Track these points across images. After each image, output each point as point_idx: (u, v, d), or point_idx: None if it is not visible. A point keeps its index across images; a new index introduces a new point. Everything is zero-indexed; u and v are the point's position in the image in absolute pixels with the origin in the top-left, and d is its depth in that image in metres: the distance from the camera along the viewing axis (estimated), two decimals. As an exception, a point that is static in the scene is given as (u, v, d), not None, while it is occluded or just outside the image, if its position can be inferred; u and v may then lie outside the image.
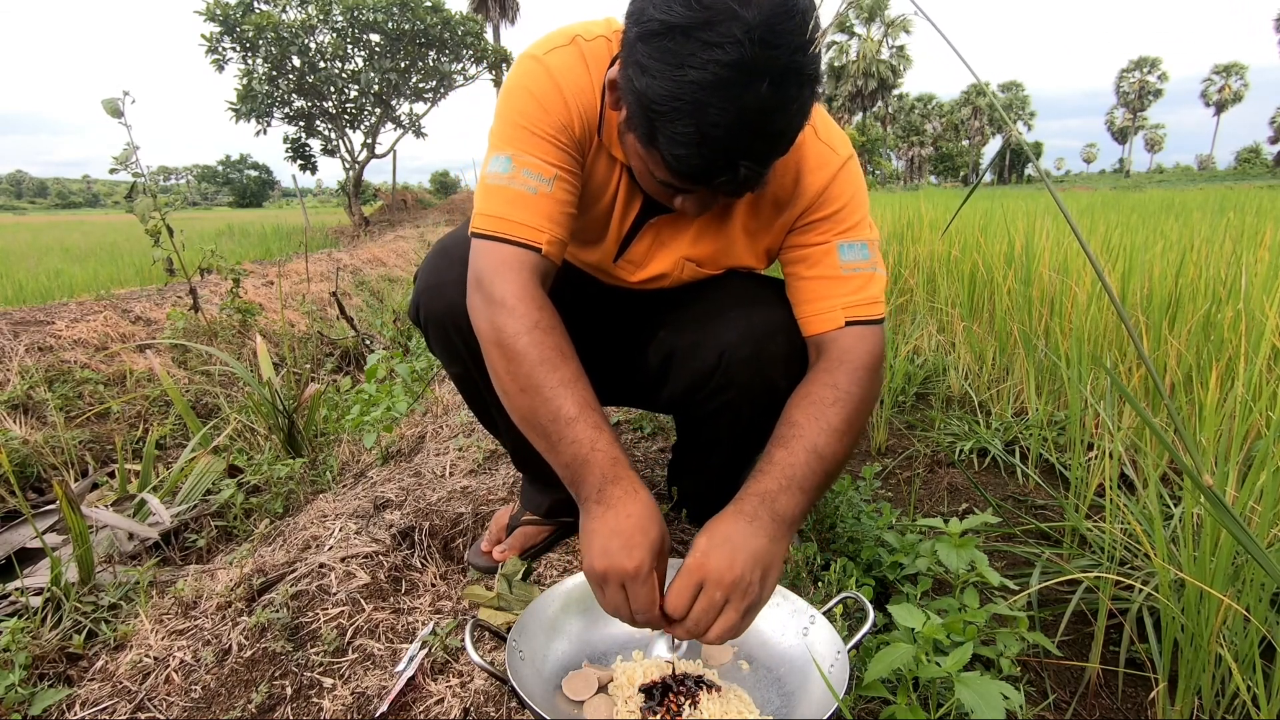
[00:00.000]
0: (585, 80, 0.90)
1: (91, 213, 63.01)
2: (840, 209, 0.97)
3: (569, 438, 0.80)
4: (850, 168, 0.98)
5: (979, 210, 4.83)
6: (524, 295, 0.85)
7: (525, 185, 0.88)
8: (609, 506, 0.77)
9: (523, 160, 0.88)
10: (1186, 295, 1.97)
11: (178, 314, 3.51)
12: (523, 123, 0.89)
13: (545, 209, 0.88)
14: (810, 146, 0.96)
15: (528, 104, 0.89)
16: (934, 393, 2.50)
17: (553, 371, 0.81)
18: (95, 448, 2.42)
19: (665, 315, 1.14)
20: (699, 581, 0.73)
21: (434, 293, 1.04)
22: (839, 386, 0.89)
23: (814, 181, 0.96)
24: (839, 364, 0.91)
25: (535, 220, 0.88)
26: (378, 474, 1.82)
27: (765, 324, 1.01)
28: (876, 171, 52.35)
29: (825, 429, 0.84)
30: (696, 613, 0.73)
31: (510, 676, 0.77)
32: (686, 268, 1.06)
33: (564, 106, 0.89)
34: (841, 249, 0.96)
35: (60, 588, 1.24)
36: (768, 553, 0.75)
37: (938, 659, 0.80)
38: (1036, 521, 1.53)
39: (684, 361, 1.08)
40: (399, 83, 14.75)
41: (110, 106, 3.08)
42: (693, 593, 0.73)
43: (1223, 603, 0.89)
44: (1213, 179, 50.57)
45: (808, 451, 0.82)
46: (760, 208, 1.02)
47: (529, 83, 0.89)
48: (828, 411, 0.86)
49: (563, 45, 0.90)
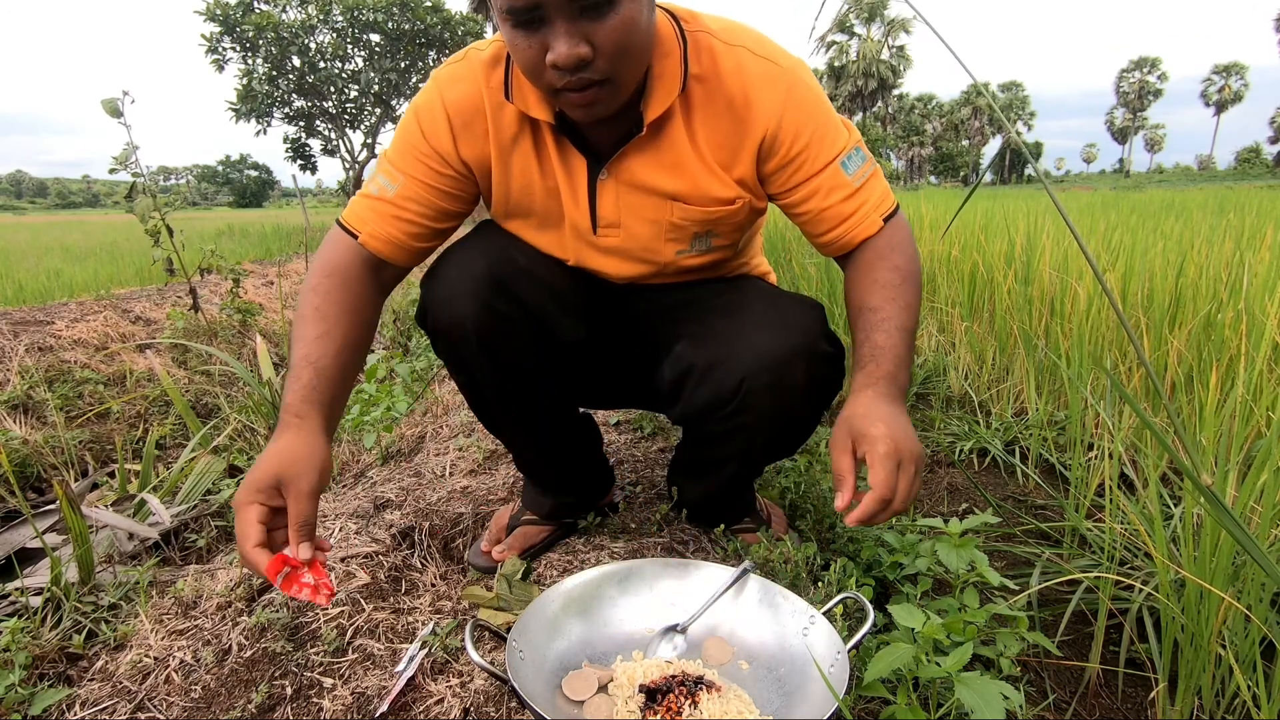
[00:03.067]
0: (468, 86, 0.99)
1: (91, 213, 63.01)
2: (816, 126, 0.96)
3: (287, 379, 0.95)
4: (801, 77, 0.96)
5: (979, 210, 4.83)
6: (324, 262, 1.00)
7: (370, 186, 1.04)
8: (294, 430, 0.88)
9: (383, 167, 1.04)
10: (1187, 295, 1.97)
11: (178, 314, 3.51)
12: (397, 138, 1.04)
13: (375, 207, 1.02)
14: (751, 65, 0.95)
15: (407, 121, 1.04)
16: (934, 393, 2.50)
17: (304, 326, 0.95)
18: (95, 448, 2.42)
19: (683, 325, 1.11)
20: (898, 460, 0.82)
21: (443, 305, 1.03)
22: (900, 268, 0.97)
23: (768, 100, 0.94)
24: (891, 249, 0.99)
25: (363, 214, 1.02)
26: (378, 474, 1.82)
27: (788, 352, 0.99)
28: (876, 171, 52.24)
29: (904, 307, 0.95)
30: (903, 488, 0.82)
31: (510, 676, 0.77)
32: (676, 208, 1.02)
33: (433, 119, 1.00)
34: (844, 165, 0.98)
35: (60, 588, 1.24)
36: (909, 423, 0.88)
37: (938, 659, 0.80)
38: (1036, 521, 1.53)
39: (700, 383, 1.05)
40: (399, 83, 14.76)
41: (110, 106, 3.08)
42: (894, 471, 0.82)
43: (1223, 602, 0.89)
44: (1213, 179, 50.58)
45: (900, 330, 0.93)
46: (716, 131, 0.98)
47: (415, 102, 1.04)
48: (900, 291, 0.96)
49: (456, 61, 1.02)
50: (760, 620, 0.95)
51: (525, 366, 1.06)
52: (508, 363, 1.05)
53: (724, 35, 0.97)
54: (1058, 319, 2.19)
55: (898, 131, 72.83)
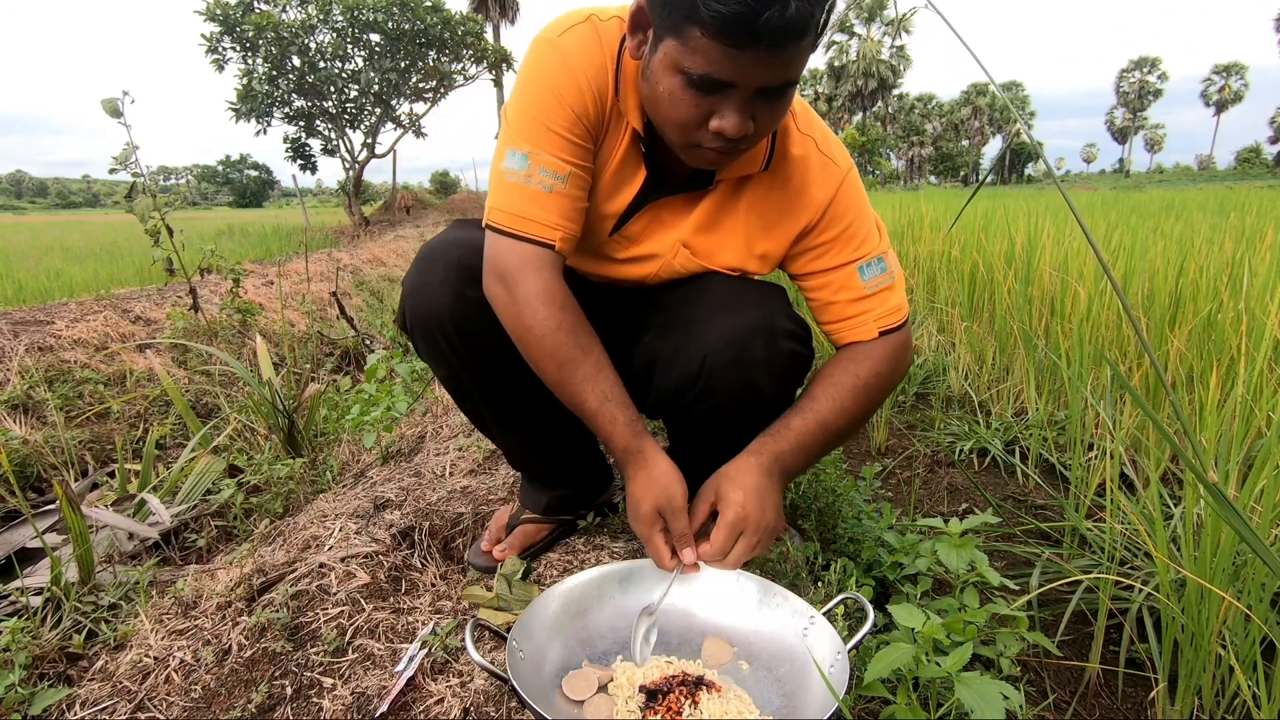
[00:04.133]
0: (599, 58, 0.93)
1: (91, 213, 63.01)
2: (848, 225, 1.02)
3: (595, 424, 0.96)
4: (852, 179, 1.03)
5: (979, 210, 4.83)
6: (547, 297, 0.93)
7: (541, 184, 0.93)
8: (640, 466, 0.96)
9: (539, 158, 0.93)
10: (1187, 295, 1.97)
11: (178, 314, 3.51)
12: (540, 117, 0.93)
13: (560, 206, 0.94)
14: (814, 158, 1.01)
15: (545, 96, 0.92)
16: (934, 393, 2.50)
17: (576, 369, 0.94)
18: (95, 448, 2.42)
19: (648, 318, 1.13)
20: (740, 530, 0.93)
21: (418, 296, 1.04)
22: (860, 376, 1.01)
23: (819, 194, 1.01)
24: (865, 358, 1.03)
25: (551, 218, 0.94)
26: (378, 474, 1.82)
27: (747, 328, 1.01)
28: (876, 171, 52.38)
29: (837, 409, 1.00)
30: (736, 553, 0.94)
31: (511, 676, 0.77)
32: (680, 254, 1.06)
33: (578, 93, 0.92)
34: (861, 270, 1.03)
35: (60, 587, 1.24)
36: (780, 501, 0.97)
37: (938, 659, 0.80)
38: (1036, 521, 1.53)
39: (667, 368, 1.07)
40: (399, 83, 14.75)
41: (110, 106, 3.08)
42: (733, 537, 0.93)
43: (1223, 602, 0.89)
44: (1213, 179, 50.56)
45: (819, 425, 0.99)
46: (766, 208, 1.03)
47: (544, 72, 0.93)
48: (843, 394, 1.00)
49: (578, 24, 0.93)
50: (760, 620, 0.95)
51: (504, 354, 1.05)
52: (486, 351, 1.06)
53: (800, 120, 1.02)
54: (1058, 319, 2.19)
55: (898, 131, 72.82)
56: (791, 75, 0.82)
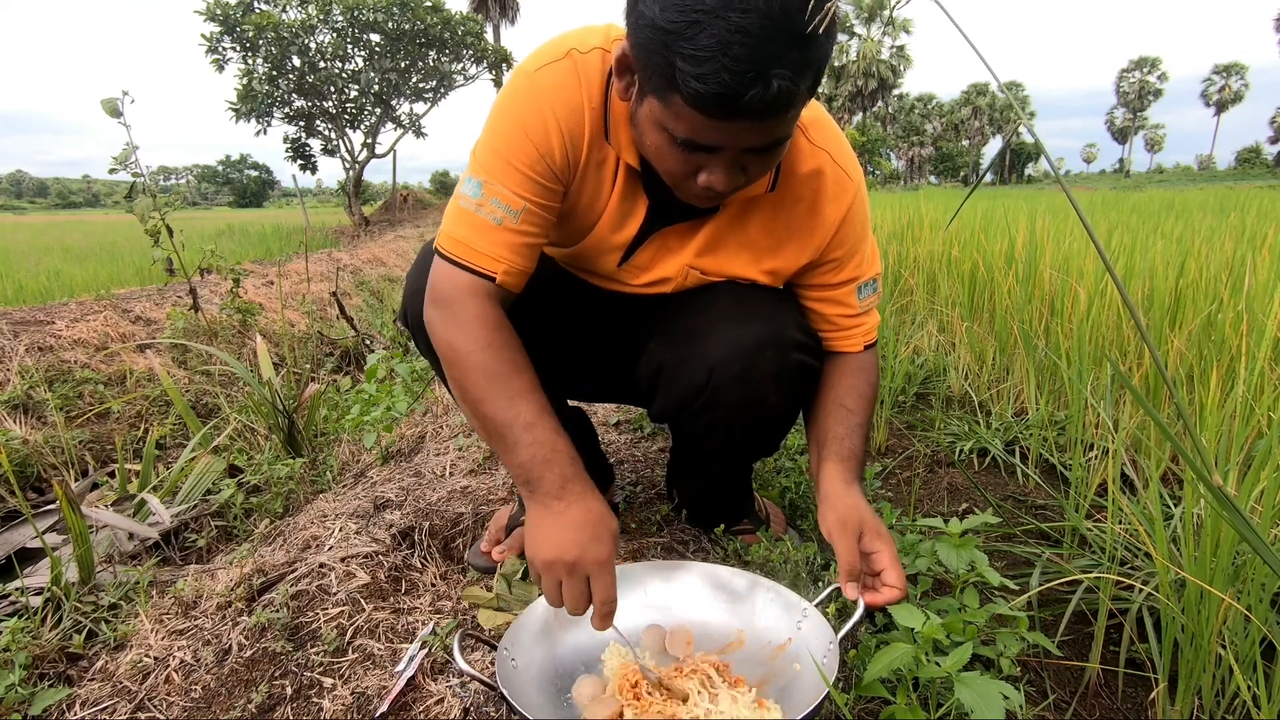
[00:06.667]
0: (575, 97, 0.90)
1: (91, 213, 63.04)
2: (855, 243, 1.04)
3: (527, 440, 0.86)
4: (862, 194, 1.04)
5: (979, 210, 4.83)
6: (480, 318, 0.90)
7: (491, 215, 0.91)
8: (571, 502, 0.85)
9: (493, 189, 0.91)
10: (1188, 295, 1.97)
11: (178, 314, 3.51)
12: (503, 150, 0.91)
13: (507, 240, 0.92)
14: (829, 172, 0.99)
15: (510, 130, 0.90)
16: (934, 393, 2.50)
17: (507, 384, 0.88)
18: (95, 448, 2.42)
19: (657, 324, 1.12)
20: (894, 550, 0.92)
21: (418, 296, 1.03)
22: (871, 384, 1.10)
23: (832, 212, 1.01)
24: (861, 371, 1.10)
25: (496, 250, 0.91)
26: (378, 474, 1.82)
27: (755, 341, 1.00)
28: (876, 171, 52.37)
29: (867, 418, 1.08)
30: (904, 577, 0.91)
31: (501, 684, 0.79)
32: (691, 274, 1.06)
33: (544, 134, 0.89)
34: (860, 290, 1.08)
35: (60, 587, 1.24)
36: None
37: (938, 659, 0.80)
38: (1036, 521, 1.52)
39: (673, 377, 1.07)
40: (399, 83, 14.76)
41: (110, 106, 3.08)
42: (903, 570, 0.91)
43: (1223, 602, 0.89)
44: (1213, 179, 50.57)
45: (861, 428, 1.06)
46: (775, 227, 1.02)
47: (513, 105, 0.91)
48: (866, 404, 1.08)
49: (557, 60, 0.89)
50: (756, 615, 0.97)
51: None
52: None
53: (813, 132, 0.98)
54: (1058, 319, 2.19)
55: (898, 131, 72.83)
56: (781, 135, 0.80)
